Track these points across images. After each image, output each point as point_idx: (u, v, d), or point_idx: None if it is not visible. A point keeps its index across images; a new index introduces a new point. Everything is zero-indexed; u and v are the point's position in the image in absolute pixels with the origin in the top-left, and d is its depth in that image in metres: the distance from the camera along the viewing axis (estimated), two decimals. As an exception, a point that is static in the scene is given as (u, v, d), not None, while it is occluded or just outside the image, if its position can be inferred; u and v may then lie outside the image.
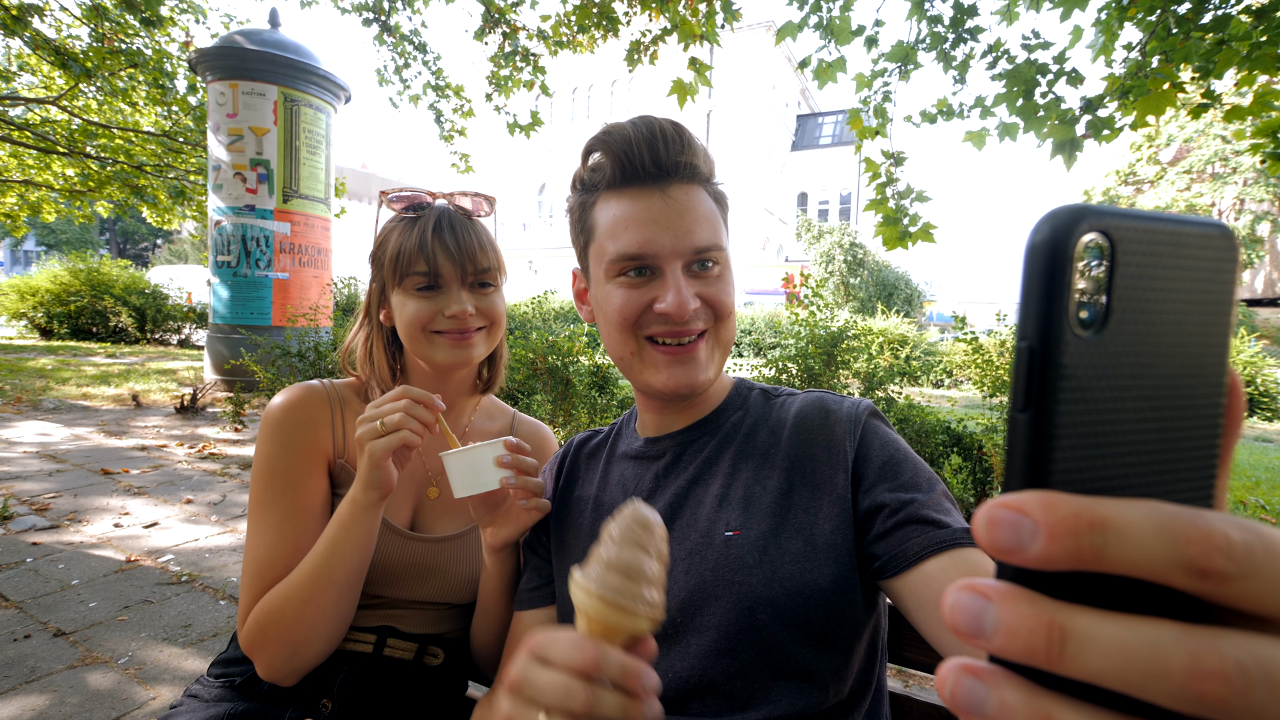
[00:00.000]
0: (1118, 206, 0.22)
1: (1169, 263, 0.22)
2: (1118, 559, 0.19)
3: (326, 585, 0.91)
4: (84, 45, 7.93)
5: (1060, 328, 0.21)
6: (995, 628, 0.20)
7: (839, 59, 3.81)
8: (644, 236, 0.79)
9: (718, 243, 0.82)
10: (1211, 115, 9.15)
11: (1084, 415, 0.21)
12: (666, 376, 0.82)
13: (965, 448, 3.80)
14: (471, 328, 1.06)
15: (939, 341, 12.88)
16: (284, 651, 0.92)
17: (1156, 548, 0.19)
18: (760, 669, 0.72)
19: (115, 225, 43.76)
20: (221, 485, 4.10)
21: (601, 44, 5.75)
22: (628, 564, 0.50)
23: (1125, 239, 0.22)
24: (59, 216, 11.77)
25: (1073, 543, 0.19)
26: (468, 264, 1.04)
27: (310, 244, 7.57)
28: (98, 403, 6.59)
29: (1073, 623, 0.19)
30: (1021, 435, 0.22)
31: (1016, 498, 0.21)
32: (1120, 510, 0.19)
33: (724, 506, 0.80)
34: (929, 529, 0.69)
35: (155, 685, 2.03)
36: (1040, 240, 0.22)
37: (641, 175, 0.80)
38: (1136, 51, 3.32)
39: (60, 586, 2.63)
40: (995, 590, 0.21)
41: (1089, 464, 0.21)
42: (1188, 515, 0.19)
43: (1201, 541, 0.18)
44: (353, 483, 0.93)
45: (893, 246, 3.71)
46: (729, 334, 0.85)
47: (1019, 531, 0.20)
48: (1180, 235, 0.22)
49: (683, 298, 0.78)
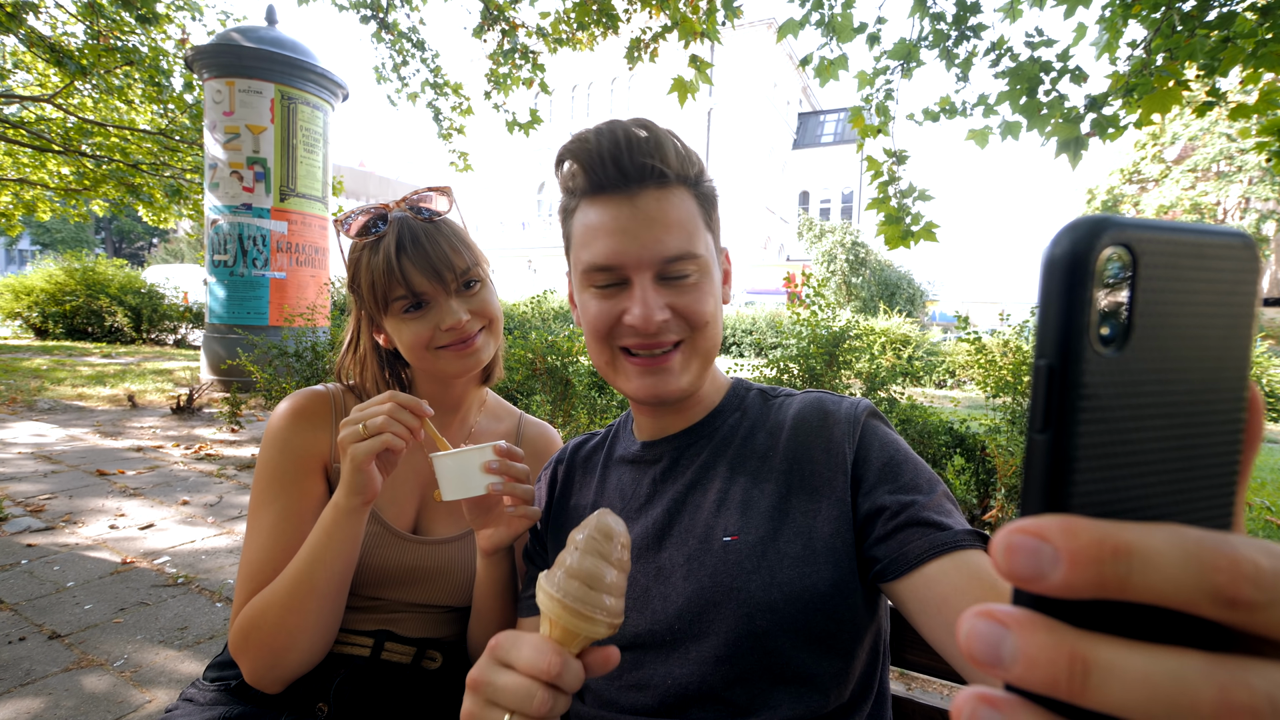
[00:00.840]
0: (1138, 217, 0.21)
1: (1191, 275, 0.22)
2: (1142, 587, 0.19)
3: (308, 592, 0.90)
4: (79, 43, 7.94)
5: (1080, 345, 0.21)
6: (1014, 657, 0.20)
7: (841, 56, 3.81)
8: (610, 247, 0.78)
9: (690, 250, 0.78)
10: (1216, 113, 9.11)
11: (1105, 436, 0.21)
12: (638, 386, 0.81)
13: (968, 449, 3.80)
14: (471, 333, 1.05)
15: (942, 341, 12.87)
16: (266, 658, 0.92)
17: (1182, 576, 0.18)
18: (760, 675, 0.72)
19: (111, 224, 43.75)
20: (218, 486, 4.10)
21: (601, 41, 5.74)
22: (588, 572, 0.53)
23: (1147, 251, 0.21)
24: (54, 215, 11.77)
25: (1095, 571, 0.19)
26: (445, 273, 1.01)
27: (307, 243, 7.57)
28: (93, 403, 6.59)
29: (1095, 653, 0.19)
30: (1040, 457, 0.21)
31: (1036, 523, 0.20)
32: (1144, 536, 0.19)
33: (722, 511, 0.79)
34: (930, 531, 0.68)
35: (151, 688, 2.03)
36: (1060, 253, 0.21)
37: (610, 184, 0.78)
38: (1141, 49, 3.32)
39: (55, 588, 2.63)
40: (1013, 618, 0.20)
41: (1109, 486, 0.21)
42: (1214, 541, 0.19)
43: (1229, 569, 0.18)
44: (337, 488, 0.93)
45: (895, 246, 3.71)
46: (708, 343, 0.83)
47: (1039, 559, 0.19)
48: (1202, 246, 0.22)
49: (649, 310, 0.77)
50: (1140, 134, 25.92)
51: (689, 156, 0.82)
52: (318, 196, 7.67)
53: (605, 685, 0.80)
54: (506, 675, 0.52)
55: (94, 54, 7.63)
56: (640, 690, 0.76)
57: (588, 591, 0.52)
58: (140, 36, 8.23)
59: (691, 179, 0.82)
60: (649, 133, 0.79)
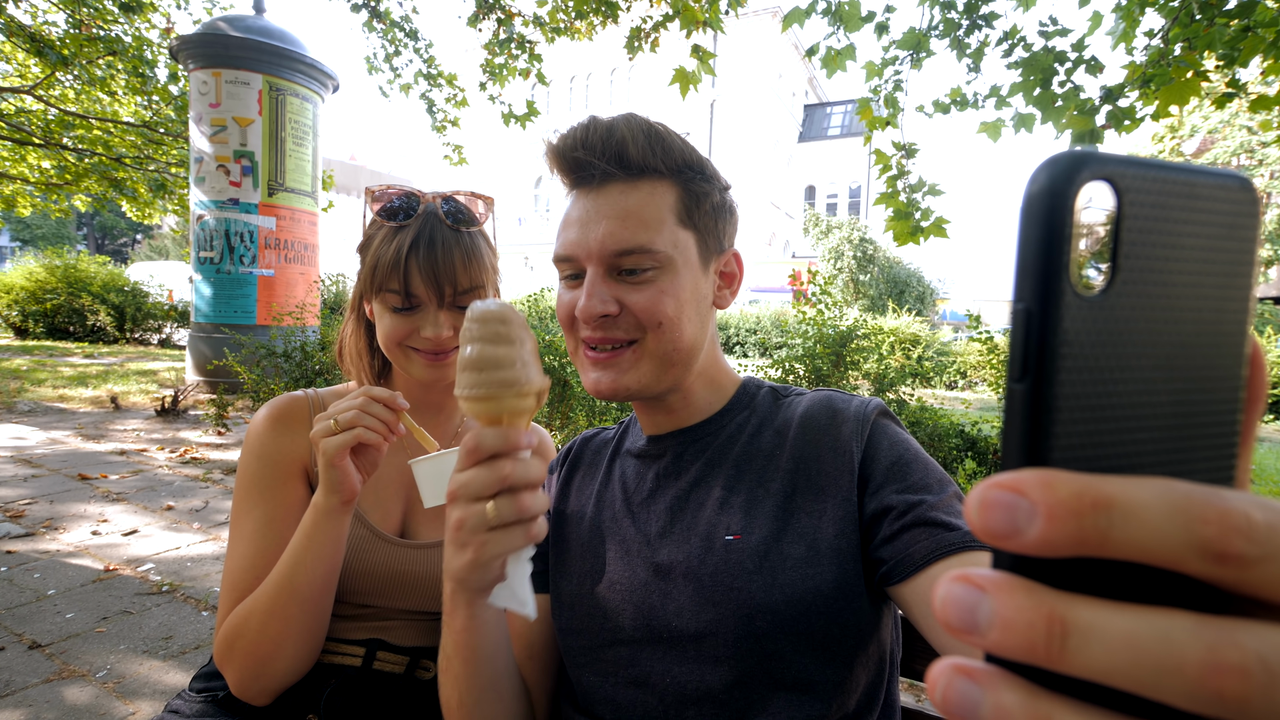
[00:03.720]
0: (1123, 155, 0.21)
1: (1182, 216, 0.21)
2: (1124, 543, 0.18)
3: (289, 597, 0.90)
4: (60, 32, 7.95)
5: (1060, 288, 0.20)
6: (990, 622, 0.19)
7: (848, 46, 3.81)
8: (567, 238, 0.82)
9: (643, 245, 0.78)
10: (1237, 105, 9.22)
11: (1087, 385, 0.20)
12: (587, 380, 0.84)
13: (980, 452, 3.81)
14: (448, 348, 1.05)
15: (953, 341, 12.88)
16: (251, 667, 0.92)
17: (1168, 529, 0.18)
18: (759, 679, 0.72)
19: (93, 220, 43.80)
20: (204, 491, 4.10)
21: (600, 31, 5.75)
22: (479, 357, 0.57)
23: (1133, 189, 0.20)
24: (34, 211, 11.78)
25: (1074, 525, 0.18)
26: (445, 286, 1.02)
27: (297, 239, 7.58)
28: (75, 405, 6.60)
29: (1075, 614, 0.18)
30: (1019, 408, 0.20)
31: (1012, 476, 0.19)
32: (1127, 489, 0.18)
33: (725, 510, 0.80)
34: (938, 531, 0.68)
35: (135, 700, 2.03)
36: (1037, 190, 0.20)
37: (578, 177, 0.82)
38: (1158, 38, 3.32)
39: (36, 597, 2.63)
40: (990, 581, 0.20)
41: (1093, 439, 0.20)
42: (1203, 493, 0.18)
43: (1218, 521, 0.17)
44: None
45: (904, 242, 3.71)
46: (667, 345, 0.80)
47: (1015, 513, 0.19)
48: (1194, 186, 0.21)
49: (590, 303, 0.78)
50: (1158, 126, 25.91)
51: (664, 148, 0.80)
52: (307, 191, 7.68)
53: (602, 682, 0.81)
54: (471, 470, 0.57)
55: (76, 43, 7.64)
56: (639, 687, 0.77)
57: (506, 374, 0.56)
58: (124, 25, 8.24)
59: (666, 171, 0.81)
60: (613, 125, 0.80)
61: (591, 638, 0.82)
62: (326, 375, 5.21)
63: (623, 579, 0.83)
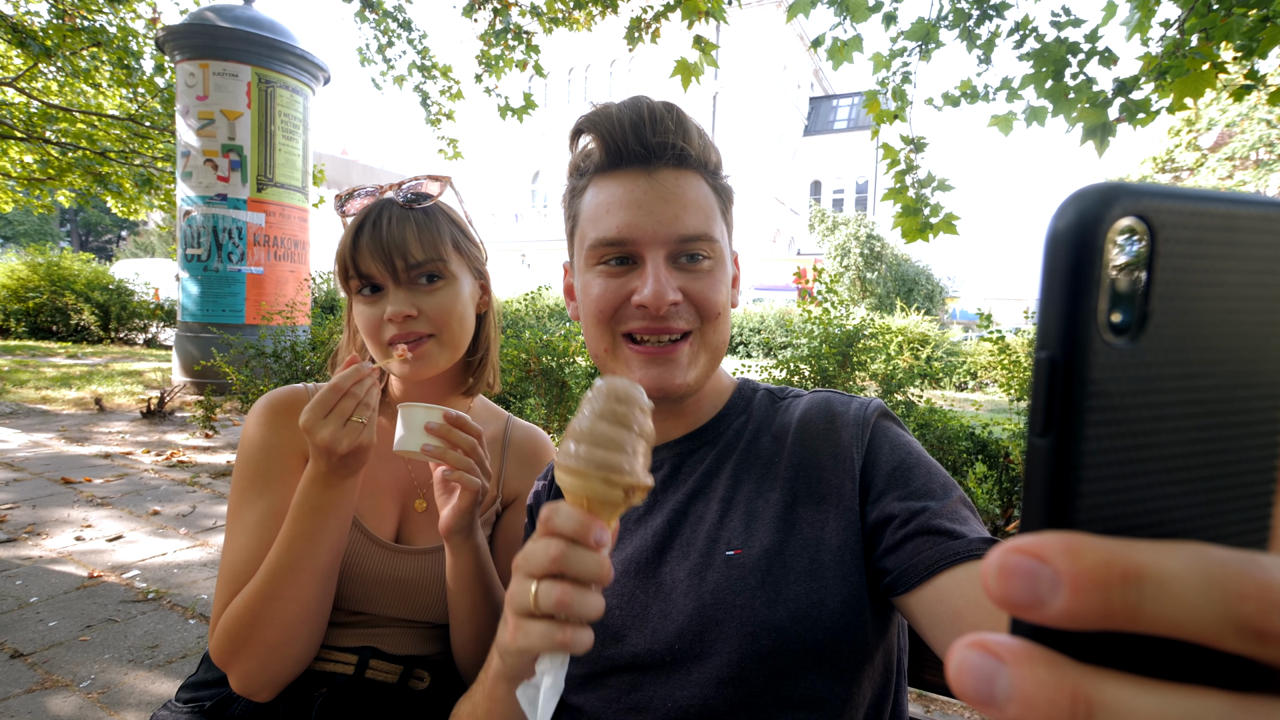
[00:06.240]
0: (1157, 184, 0.20)
1: (1220, 251, 0.20)
2: (1156, 618, 0.17)
3: (310, 577, 0.92)
4: (43, 22, 7.94)
5: (1087, 334, 0.19)
6: (1009, 695, 0.18)
7: (855, 37, 3.81)
8: (624, 220, 0.78)
9: (707, 232, 0.80)
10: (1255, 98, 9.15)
11: (1116, 440, 0.19)
12: (639, 377, 0.80)
13: (990, 455, 3.80)
14: (414, 332, 1.05)
15: (962, 341, 12.88)
16: (258, 656, 0.92)
17: (1203, 604, 0.17)
18: (765, 698, 0.71)
19: (77, 216, 43.81)
20: (191, 495, 4.10)
21: (599, 21, 5.75)
22: (604, 436, 0.54)
23: (1167, 224, 0.19)
24: (16, 207, 11.77)
25: (1101, 598, 0.17)
26: (396, 259, 1.03)
27: (286, 236, 7.58)
28: (58, 407, 6.60)
29: (1100, 693, 0.17)
30: (1041, 464, 0.20)
31: (1034, 541, 0.19)
32: (1158, 557, 0.17)
33: (725, 523, 0.79)
34: (942, 540, 0.68)
35: (120, 710, 2.03)
36: (1064, 227, 0.19)
37: (629, 157, 0.80)
38: (1174, 29, 3.32)
39: (18, 604, 2.63)
40: (1009, 650, 0.19)
41: (1121, 498, 0.19)
42: (1239, 563, 0.17)
43: (1258, 597, 0.16)
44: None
45: (912, 239, 3.71)
46: (719, 338, 0.82)
47: (1037, 583, 0.18)
48: (1234, 218, 0.20)
49: (661, 288, 0.77)
50: (1173, 119, 25.90)
51: (709, 146, 0.84)
52: (297, 186, 7.68)
53: (603, 708, 0.80)
54: (540, 542, 0.53)
55: (59, 34, 7.63)
56: (639, 713, 0.76)
57: (606, 455, 0.53)
58: (108, 15, 8.24)
59: (709, 168, 0.84)
60: (674, 111, 0.81)
61: (591, 665, 0.81)
62: (317, 376, 5.21)
63: (622, 601, 0.82)
